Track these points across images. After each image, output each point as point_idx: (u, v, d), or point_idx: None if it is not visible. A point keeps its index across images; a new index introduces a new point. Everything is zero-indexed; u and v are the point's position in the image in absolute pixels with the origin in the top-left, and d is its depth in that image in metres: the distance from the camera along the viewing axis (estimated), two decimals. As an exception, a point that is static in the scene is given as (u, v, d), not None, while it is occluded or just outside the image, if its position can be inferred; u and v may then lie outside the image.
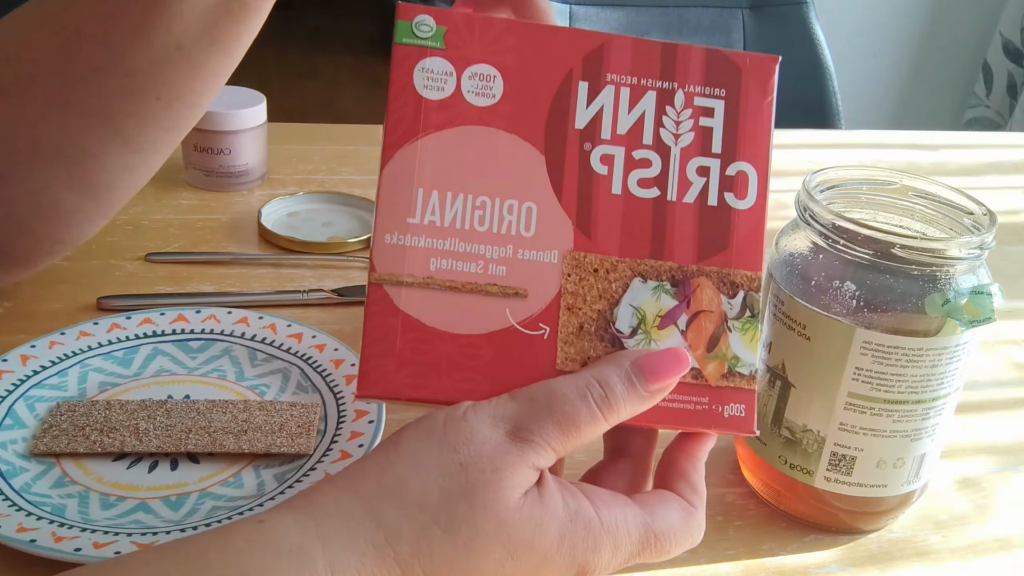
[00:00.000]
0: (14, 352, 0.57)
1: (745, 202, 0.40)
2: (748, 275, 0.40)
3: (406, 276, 0.38)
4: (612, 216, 0.39)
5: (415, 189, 0.39)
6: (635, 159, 0.39)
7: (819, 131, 1.18)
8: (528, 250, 0.39)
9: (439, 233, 0.38)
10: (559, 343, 0.39)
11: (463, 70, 0.39)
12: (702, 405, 0.39)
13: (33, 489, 0.49)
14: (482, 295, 0.38)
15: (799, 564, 0.50)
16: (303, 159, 0.92)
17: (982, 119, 2.56)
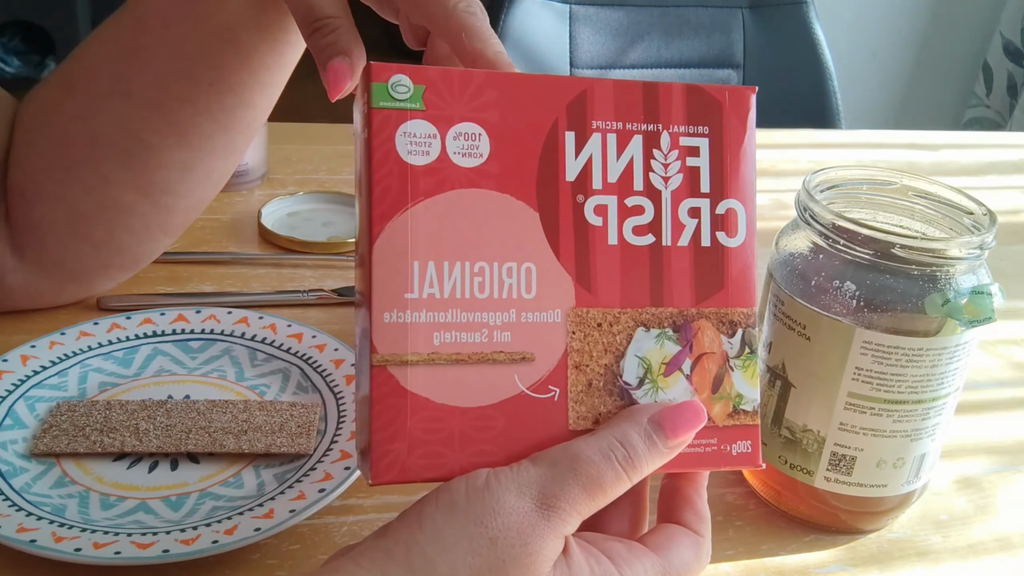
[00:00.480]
0: (14, 352, 0.57)
1: (736, 240, 0.40)
2: (744, 312, 0.40)
3: (410, 355, 0.37)
4: (611, 268, 0.39)
5: (410, 262, 0.37)
6: (628, 207, 0.39)
7: (819, 131, 1.18)
8: (531, 312, 0.38)
9: (440, 306, 0.37)
10: (569, 403, 0.38)
11: (447, 131, 0.38)
12: (711, 447, 0.39)
13: (33, 489, 0.49)
14: (489, 364, 0.38)
15: (799, 564, 0.50)
16: (303, 159, 0.92)
17: (982, 119, 2.56)
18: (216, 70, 0.53)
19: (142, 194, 0.58)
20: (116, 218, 0.58)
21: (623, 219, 0.39)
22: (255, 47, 0.53)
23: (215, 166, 0.58)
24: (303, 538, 0.48)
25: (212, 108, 0.55)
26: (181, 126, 0.55)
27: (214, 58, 0.53)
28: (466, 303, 0.37)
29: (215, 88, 0.54)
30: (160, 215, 0.59)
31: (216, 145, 0.57)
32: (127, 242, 0.60)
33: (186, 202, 0.59)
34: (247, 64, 0.54)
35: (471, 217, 0.38)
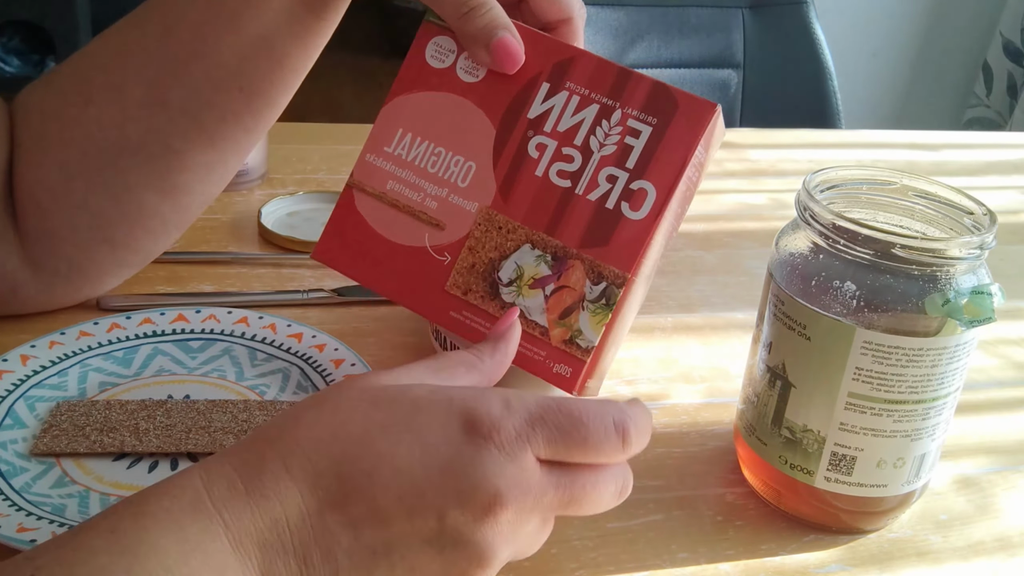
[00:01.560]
0: (14, 352, 0.57)
1: (638, 214, 0.46)
2: (616, 272, 0.46)
3: (369, 187, 0.50)
4: (528, 191, 0.47)
5: (397, 128, 0.50)
6: (563, 153, 0.47)
7: (819, 131, 1.19)
8: (458, 196, 0.48)
9: (401, 164, 0.49)
10: (453, 271, 0.48)
11: (462, 52, 0.49)
12: (539, 356, 0.47)
13: (33, 489, 0.49)
14: (413, 218, 0.49)
15: (799, 564, 0.50)
16: (303, 159, 0.92)
17: (982, 119, 2.56)
18: (248, 77, 0.54)
19: (164, 196, 0.58)
20: (138, 221, 0.59)
21: (554, 161, 0.47)
22: (288, 54, 0.54)
23: (232, 164, 0.59)
24: (303, 538, 0.48)
25: (240, 112, 0.55)
26: (209, 131, 0.56)
27: (248, 66, 0.54)
28: (418, 170, 0.49)
29: (245, 93, 0.55)
30: (178, 214, 0.60)
31: (238, 145, 0.58)
32: (145, 241, 0.60)
33: (201, 199, 0.60)
34: (278, 69, 0.55)
35: (450, 115, 0.49)
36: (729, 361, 0.67)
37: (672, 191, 0.46)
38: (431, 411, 0.37)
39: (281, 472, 0.36)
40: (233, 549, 0.34)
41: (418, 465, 0.36)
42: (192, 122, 0.55)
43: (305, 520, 0.35)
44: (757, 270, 0.80)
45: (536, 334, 0.47)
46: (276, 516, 0.35)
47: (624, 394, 0.62)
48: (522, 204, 0.47)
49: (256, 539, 0.35)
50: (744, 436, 0.53)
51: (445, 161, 0.48)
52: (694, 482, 0.55)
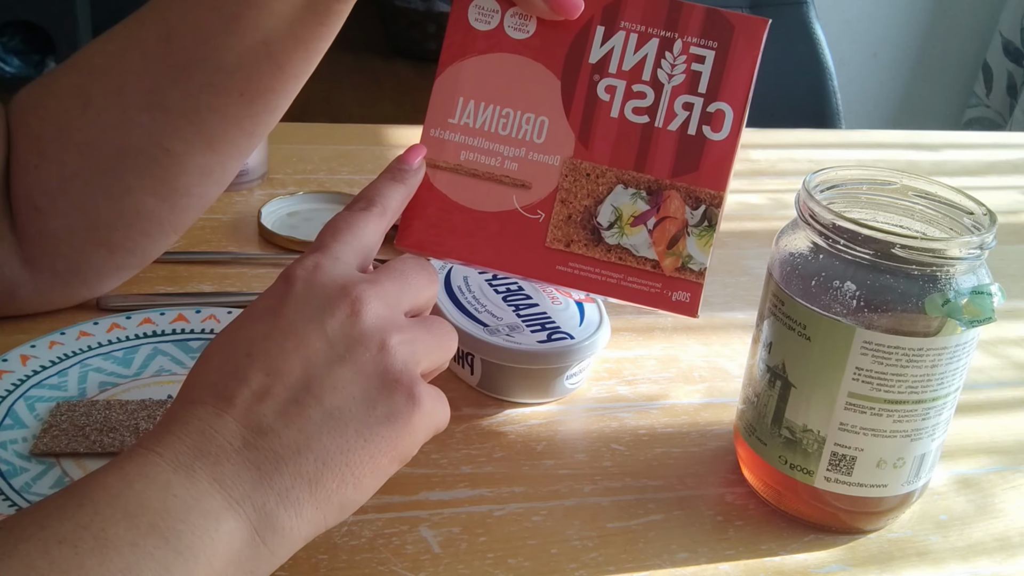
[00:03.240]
0: (14, 352, 0.57)
1: (720, 135, 0.47)
2: (711, 193, 0.47)
3: (442, 161, 0.49)
4: (608, 134, 0.48)
5: (457, 97, 0.49)
6: (633, 91, 0.48)
7: (819, 131, 1.19)
8: (537, 153, 0.48)
9: (471, 132, 0.49)
10: (550, 227, 0.48)
11: (506, 10, 0.49)
12: (655, 289, 0.48)
13: (33, 489, 0.49)
14: (496, 183, 0.48)
15: (799, 564, 0.50)
16: (303, 159, 0.92)
17: (982, 119, 2.56)
18: (248, 82, 0.54)
19: (162, 199, 0.58)
20: (135, 223, 0.58)
21: (627, 100, 0.48)
22: (289, 59, 0.54)
23: (231, 167, 0.59)
24: (303, 538, 0.48)
25: (239, 116, 0.55)
26: (209, 134, 0.56)
27: (249, 71, 0.54)
28: (490, 135, 0.49)
29: (245, 98, 0.55)
30: (176, 216, 0.60)
31: (238, 149, 0.57)
32: (142, 244, 0.60)
33: (199, 202, 0.60)
34: (279, 74, 0.54)
35: (509, 75, 0.49)
36: (729, 361, 0.67)
37: (746, 106, 0.47)
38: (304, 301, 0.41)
39: (187, 402, 0.39)
40: (173, 469, 0.36)
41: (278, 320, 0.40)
42: (192, 125, 0.55)
43: (223, 417, 0.38)
44: (757, 270, 0.80)
45: (648, 268, 0.47)
46: (200, 428, 0.38)
47: (624, 394, 0.63)
48: (605, 147, 0.48)
49: (192, 452, 0.37)
50: (744, 436, 0.53)
51: (516, 121, 0.48)
52: (694, 482, 0.55)
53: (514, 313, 0.61)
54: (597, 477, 0.55)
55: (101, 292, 0.64)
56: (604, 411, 0.61)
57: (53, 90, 0.57)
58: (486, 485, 0.53)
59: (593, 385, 0.63)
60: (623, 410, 0.61)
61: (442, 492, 0.52)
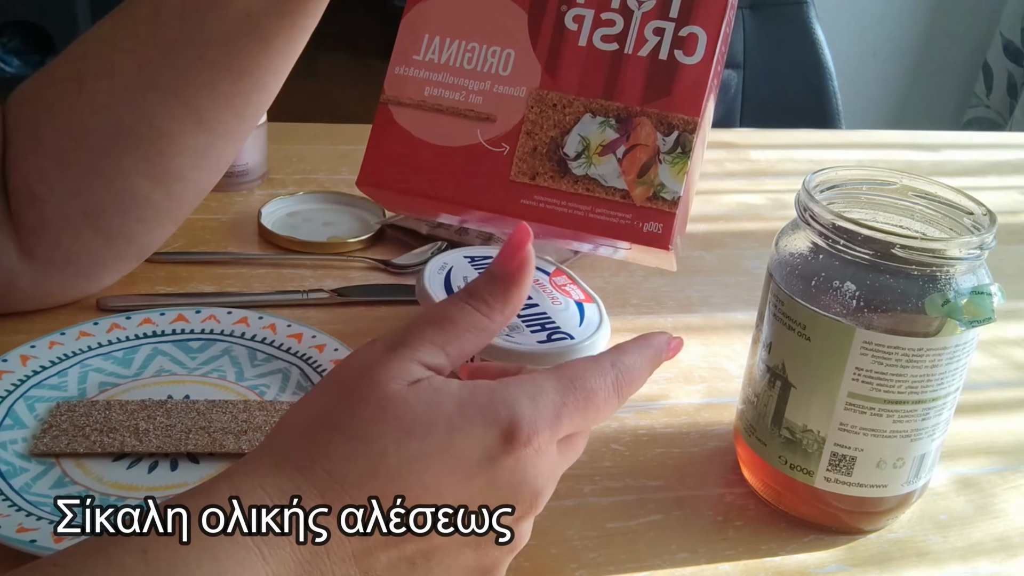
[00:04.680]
0: (14, 352, 0.57)
1: (692, 58, 0.45)
2: (685, 119, 0.45)
3: (405, 98, 0.47)
4: (575, 63, 0.46)
5: (423, 34, 0.47)
6: (602, 19, 0.46)
7: (819, 131, 1.19)
8: (502, 85, 0.47)
9: (435, 68, 0.47)
10: (515, 159, 0.46)
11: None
12: (625, 220, 0.45)
13: (33, 489, 0.49)
14: (460, 117, 0.47)
15: (799, 564, 0.50)
16: (303, 159, 0.92)
17: (982, 119, 2.56)
18: (236, 56, 0.54)
19: (156, 182, 0.58)
20: (130, 208, 0.59)
21: (595, 28, 0.46)
22: (276, 32, 0.54)
23: (225, 151, 0.59)
24: (303, 538, 0.48)
25: (229, 93, 0.55)
26: (199, 113, 0.56)
27: (235, 44, 0.54)
28: (455, 70, 0.47)
29: (234, 74, 0.55)
30: (170, 203, 0.60)
31: (229, 130, 0.58)
32: (138, 231, 0.60)
33: (194, 188, 0.60)
34: (266, 50, 0.54)
35: (475, 10, 0.47)
36: (729, 361, 0.67)
37: (720, 28, 0.46)
38: (466, 430, 0.36)
39: (311, 489, 0.35)
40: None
41: (463, 488, 0.36)
42: (182, 104, 0.55)
43: (343, 546, 0.35)
44: (757, 270, 0.80)
45: (617, 199, 0.45)
46: (315, 548, 0.34)
47: (624, 394, 0.62)
48: (572, 77, 0.46)
49: (294, 571, 0.34)
50: (744, 436, 0.53)
51: (481, 55, 0.47)
52: (694, 482, 0.55)
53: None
54: (597, 477, 0.55)
55: (100, 286, 0.64)
56: (604, 411, 0.61)
57: (49, 78, 0.58)
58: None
59: (593, 385, 0.63)
60: (623, 410, 0.61)
61: (442, 492, 0.52)
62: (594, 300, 0.64)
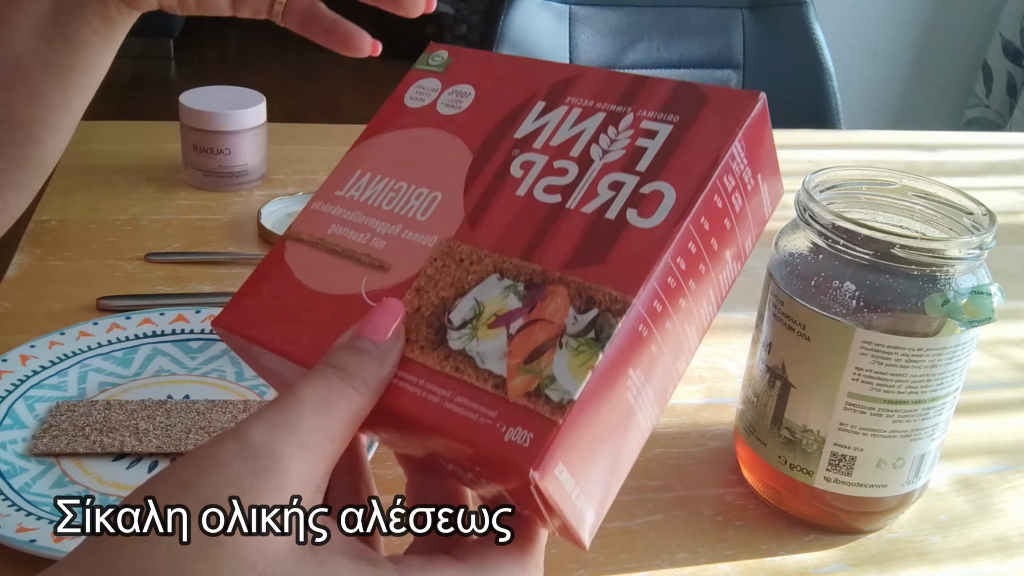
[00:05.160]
0: (14, 352, 0.57)
1: (648, 221, 0.35)
2: (613, 295, 0.33)
3: (306, 234, 0.40)
4: (504, 215, 0.37)
5: (355, 170, 0.41)
6: (553, 168, 0.38)
7: (819, 131, 1.19)
8: (413, 231, 0.38)
9: (351, 205, 0.40)
10: None
11: (446, 88, 0.42)
12: (486, 418, 0.32)
13: (33, 489, 0.49)
14: (352, 262, 0.38)
15: (799, 564, 0.50)
16: (303, 159, 0.92)
17: (982, 119, 2.56)
18: (5, 107, 0.52)
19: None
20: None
21: (542, 177, 0.38)
22: (43, 84, 0.52)
23: (9, 201, 0.56)
24: (303, 538, 0.48)
25: (3, 143, 0.53)
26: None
27: (4, 94, 0.52)
28: (370, 209, 0.40)
29: (5, 125, 0.53)
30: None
31: (9, 180, 0.55)
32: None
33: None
34: (35, 101, 0.52)
35: (420, 150, 0.41)
36: (729, 361, 0.67)
37: (698, 190, 0.35)
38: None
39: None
40: None
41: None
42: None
43: None
44: (757, 270, 0.80)
45: (488, 388, 0.33)
46: None
47: (624, 394, 0.62)
48: (494, 230, 0.37)
49: None
50: (744, 436, 0.53)
51: (405, 196, 0.39)
52: (694, 482, 0.55)
53: (514, 313, 0.60)
54: (597, 477, 0.55)
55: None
56: (604, 411, 0.61)
57: None
58: (486, 485, 0.53)
59: (593, 385, 0.63)
60: (623, 410, 0.61)
61: (442, 492, 0.52)
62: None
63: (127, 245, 0.75)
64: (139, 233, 0.77)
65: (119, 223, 0.78)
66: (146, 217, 0.79)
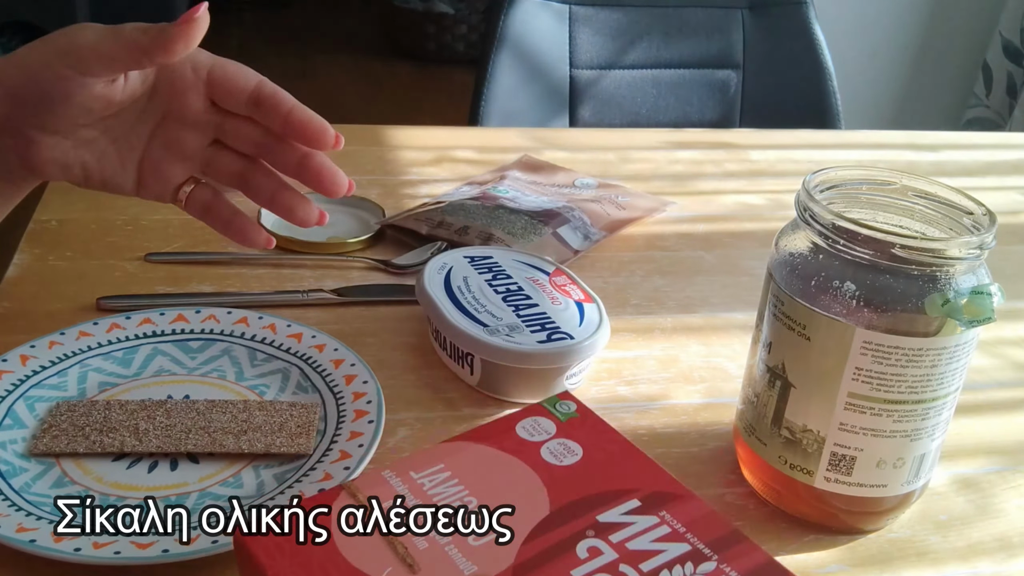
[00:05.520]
0: (14, 352, 0.57)
1: None
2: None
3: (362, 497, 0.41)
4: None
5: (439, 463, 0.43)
6: (618, 570, 0.39)
7: (819, 131, 1.19)
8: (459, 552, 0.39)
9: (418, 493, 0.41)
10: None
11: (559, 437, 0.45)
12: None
13: (33, 489, 0.49)
14: (389, 547, 0.39)
15: (799, 564, 0.50)
16: (303, 159, 0.92)
17: (982, 119, 2.56)
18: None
19: None
20: None
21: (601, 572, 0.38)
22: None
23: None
24: (303, 538, 0.48)
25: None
26: None
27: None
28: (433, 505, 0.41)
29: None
30: None
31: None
32: None
33: None
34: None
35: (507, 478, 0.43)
36: (729, 361, 0.67)
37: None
38: None
39: None
40: None
41: None
42: None
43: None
44: (757, 270, 0.80)
45: None
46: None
47: (624, 394, 0.62)
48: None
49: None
50: (744, 436, 0.53)
51: (470, 513, 0.41)
52: (694, 482, 0.55)
53: (514, 313, 0.61)
54: (597, 477, 0.55)
55: None
56: (604, 411, 0.61)
57: None
58: (486, 485, 0.53)
59: (593, 385, 0.63)
60: (623, 410, 0.61)
61: (442, 492, 0.52)
62: (594, 300, 0.64)
63: (127, 245, 0.75)
64: (139, 233, 0.77)
65: (119, 223, 0.78)
66: (146, 217, 0.79)
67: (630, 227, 0.84)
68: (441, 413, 0.59)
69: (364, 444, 0.52)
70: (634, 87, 1.38)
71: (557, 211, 0.80)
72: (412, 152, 0.97)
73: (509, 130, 1.09)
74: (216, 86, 0.51)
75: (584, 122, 1.35)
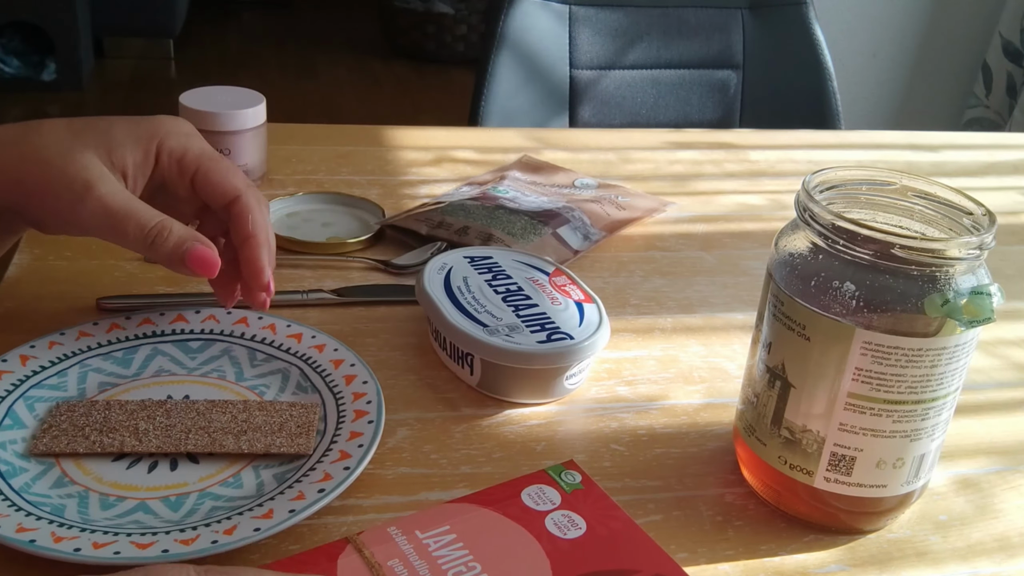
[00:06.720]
0: (14, 352, 0.57)
1: None
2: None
3: (367, 552, 0.43)
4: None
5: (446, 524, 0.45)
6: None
7: (819, 131, 1.19)
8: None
9: (422, 553, 0.43)
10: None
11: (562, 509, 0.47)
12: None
13: (33, 489, 0.49)
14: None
15: (799, 564, 0.50)
16: (303, 159, 0.92)
17: (982, 119, 2.56)
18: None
19: None
20: None
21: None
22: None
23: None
24: (302, 538, 0.48)
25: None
26: None
27: None
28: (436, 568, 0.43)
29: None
30: None
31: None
32: None
33: None
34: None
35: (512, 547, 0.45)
36: (729, 361, 0.67)
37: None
38: None
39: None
40: None
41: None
42: None
43: None
44: (757, 270, 0.80)
45: None
46: None
47: (624, 394, 0.63)
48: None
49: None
50: (743, 436, 0.53)
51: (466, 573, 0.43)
52: (693, 482, 0.55)
53: (514, 313, 0.61)
54: (597, 477, 0.55)
55: None
56: (604, 411, 0.61)
57: None
58: (486, 485, 0.53)
59: (593, 385, 0.63)
60: (623, 410, 0.61)
61: (441, 492, 0.52)
62: (594, 300, 0.64)
63: (127, 245, 0.75)
64: (139, 233, 0.76)
65: (119, 223, 0.78)
66: (146, 217, 0.79)
67: (630, 227, 0.85)
68: (441, 413, 0.59)
69: (364, 444, 0.52)
70: (634, 87, 1.38)
71: (557, 211, 0.80)
72: (412, 152, 0.97)
73: (509, 130, 1.09)
74: (198, 189, 0.56)
75: (584, 122, 1.35)
